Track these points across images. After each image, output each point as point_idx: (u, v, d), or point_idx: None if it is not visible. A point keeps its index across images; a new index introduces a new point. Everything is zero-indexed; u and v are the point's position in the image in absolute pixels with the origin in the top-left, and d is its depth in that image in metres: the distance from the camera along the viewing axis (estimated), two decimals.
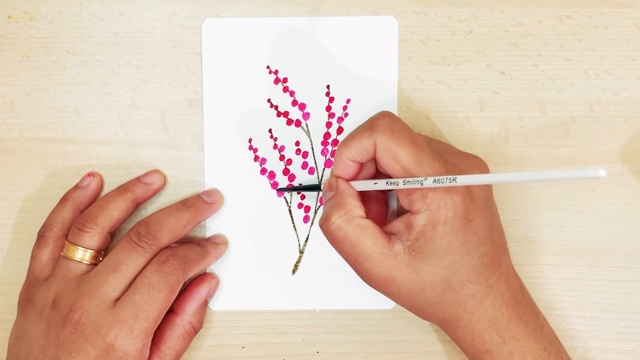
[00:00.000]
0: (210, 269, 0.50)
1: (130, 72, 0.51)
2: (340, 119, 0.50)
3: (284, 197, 0.50)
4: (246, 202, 0.50)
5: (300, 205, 0.51)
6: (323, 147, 0.50)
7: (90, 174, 0.50)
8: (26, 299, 0.47)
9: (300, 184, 0.50)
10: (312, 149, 0.50)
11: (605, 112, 0.50)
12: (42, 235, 0.48)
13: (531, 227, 0.50)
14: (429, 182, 0.40)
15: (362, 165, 0.45)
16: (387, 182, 0.42)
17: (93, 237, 0.47)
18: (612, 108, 0.50)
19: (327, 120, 0.50)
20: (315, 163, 0.50)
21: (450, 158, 0.44)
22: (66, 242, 0.47)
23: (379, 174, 0.46)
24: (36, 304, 0.46)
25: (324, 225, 0.44)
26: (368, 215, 0.44)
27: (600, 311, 0.50)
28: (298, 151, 0.50)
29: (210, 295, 0.50)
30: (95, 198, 0.50)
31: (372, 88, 0.50)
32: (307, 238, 0.51)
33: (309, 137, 0.50)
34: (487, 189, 0.44)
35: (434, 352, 0.51)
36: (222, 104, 0.50)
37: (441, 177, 0.40)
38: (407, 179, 0.41)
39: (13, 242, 0.51)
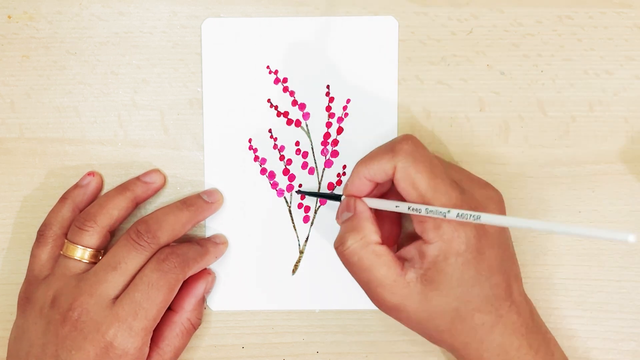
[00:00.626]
0: (209, 267, 0.50)
1: (130, 72, 0.51)
2: (340, 119, 0.50)
3: (284, 197, 0.50)
4: (246, 202, 0.50)
5: (300, 206, 0.50)
6: (323, 147, 0.50)
7: (90, 173, 0.50)
8: (26, 298, 0.47)
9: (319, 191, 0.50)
10: (312, 149, 0.50)
11: (605, 112, 0.50)
12: (41, 234, 0.48)
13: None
14: (452, 215, 0.40)
15: (377, 184, 0.45)
16: (409, 208, 0.42)
17: (92, 236, 0.47)
18: (612, 108, 0.50)
19: (327, 120, 0.50)
20: (315, 163, 0.50)
21: (468, 187, 0.44)
22: (66, 240, 0.47)
23: (390, 193, 0.46)
24: (36, 302, 0.46)
25: (339, 248, 0.44)
26: (381, 234, 0.44)
27: (600, 311, 0.50)
28: (298, 151, 0.50)
29: (207, 291, 0.50)
30: (94, 197, 0.50)
31: (372, 88, 0.50)
32: (307, 238, 0.51)
33: (309, 137, 0.50)
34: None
35: (434, 352, 0.50)
36: (222, 104, 0.50)
37: (465, 212, 0.39)
38: (430, 208, 0.41)
39: (13, 242, 0.51)
